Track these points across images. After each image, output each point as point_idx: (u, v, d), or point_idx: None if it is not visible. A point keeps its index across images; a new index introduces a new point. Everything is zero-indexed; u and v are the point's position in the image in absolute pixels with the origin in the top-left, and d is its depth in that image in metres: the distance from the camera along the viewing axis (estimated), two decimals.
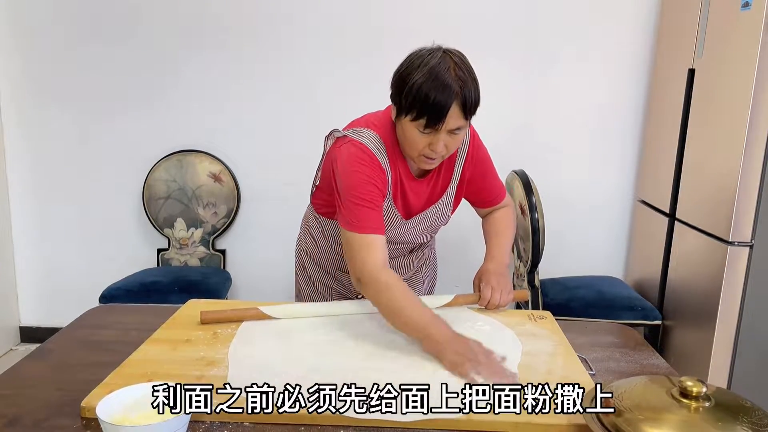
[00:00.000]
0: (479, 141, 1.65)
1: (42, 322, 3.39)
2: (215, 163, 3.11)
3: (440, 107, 1.32)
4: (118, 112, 3.13)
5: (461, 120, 1.36)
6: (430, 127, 1.35)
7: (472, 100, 1.35)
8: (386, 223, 1.53)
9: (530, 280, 2.65)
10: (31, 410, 1.10)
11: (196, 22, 3.02)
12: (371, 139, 1.48)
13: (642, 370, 1.31)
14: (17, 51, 3.09)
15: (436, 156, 1.42)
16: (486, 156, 1.68)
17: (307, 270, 1.85)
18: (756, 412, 0.92)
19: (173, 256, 3.17)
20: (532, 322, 1.52)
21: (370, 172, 1.45)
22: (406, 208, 1.58)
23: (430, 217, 1.63)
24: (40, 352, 1.37)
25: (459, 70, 1.34)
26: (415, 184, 1.56)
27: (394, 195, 1.53)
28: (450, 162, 1.59)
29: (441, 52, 1.36)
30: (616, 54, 3.01)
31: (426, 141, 1.39)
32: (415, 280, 1.84)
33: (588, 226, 3.19)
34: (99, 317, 1.59)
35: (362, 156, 1.46)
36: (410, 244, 1.70)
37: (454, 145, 1.42)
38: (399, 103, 1.38)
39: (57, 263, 3.32)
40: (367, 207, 1.43)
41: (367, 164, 1.45)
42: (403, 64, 1.39)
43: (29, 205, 3.26)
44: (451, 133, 1.39)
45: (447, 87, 1.31)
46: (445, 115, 1.33)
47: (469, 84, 1.34)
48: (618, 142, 3.11)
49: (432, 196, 1.61)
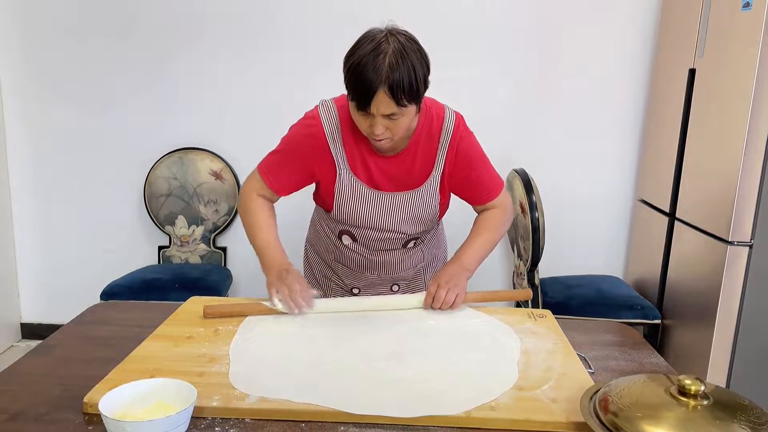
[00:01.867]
0: (466, 131, 1.61)
1: (43, 318, 3.40)
2: (216, 160, 3.12)
3: (366, 90, 1.33)
4: (120, 110, 3.13)
5: (393, 106, 1.35)
6: (360, 109, 1.38)
7: (403, 87, 1.33)
8: (351, 193, 1.59)
9: (530, 278, 2.65)
10: (33, 406, 1.11)
11: (198, 19, 3.02)
12: (327, 109, 1.55)
13: (641, 369, 1.32)
14: (19, 49, 3.09)
15: (379, 138, 1.43)
16: (473, 148, 1.62)
17: (310, 261, 1.89)
18: (754, 410, 0.93)
19: (174, 253, 3.18)
20: (532, 320, 1.53)
21: (298, 137, 1.57)
22: (372, 182, 1.59)
23: (412, 203, 1.61)
24: (42, 349, 1.37)
25: (396, 54, 1.34)
26: (380, 161, 1.57)
27: (352, 166, 1.57)
28: (430, 149, 1.57)
29: (385, 34, 1.38)
30: (616, 53, 3.01)
31: (366, 122, 1.42)
32: (415, 281, 1.82)
33: (588, 225, 3.19)
34: (100, 314, 1.60)
35: (306, 120, 1.57)
36: (397, 233, 1.66)
37: (398, 129, 1.42)
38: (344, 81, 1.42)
39: (58, 260, 3.33)
40: (279, 157, 1.59)
41: (305, 127, 1.56)
42: (353, 44, 1.41)
43: (31, 202, 3.27)
44: (388, 118, 1.39)
45: (375, 70, 1.32)
46: (371, 99, 1.34)
47: (401, 69, 1.33)
48: (618, 142, 3.11)
49: (408, 179, 1.59)
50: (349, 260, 1.75)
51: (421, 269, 1.83)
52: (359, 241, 1.70)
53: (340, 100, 1.57)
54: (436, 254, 1.88)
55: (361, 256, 1.73)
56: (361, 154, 1.56)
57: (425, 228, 1.71)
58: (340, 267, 1.79)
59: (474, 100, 3.04)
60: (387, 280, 1.79)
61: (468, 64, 3.02)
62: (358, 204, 1.59)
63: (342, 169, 1.56)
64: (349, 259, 1.75)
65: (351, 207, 1.60)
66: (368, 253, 1.72)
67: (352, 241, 1.71)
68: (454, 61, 2.99)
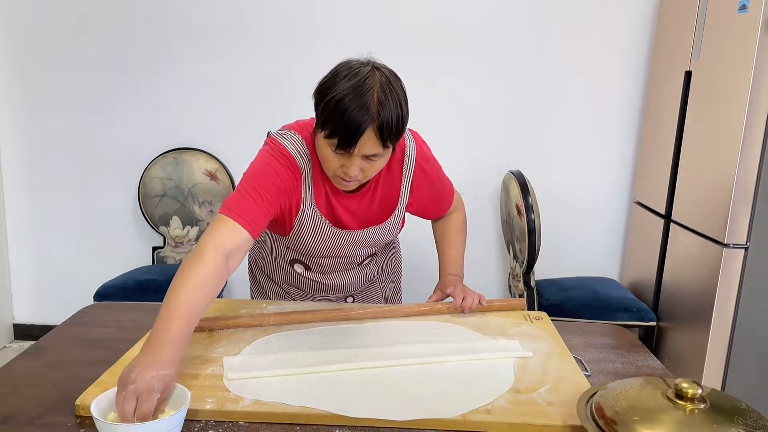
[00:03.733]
0: (425, 152, 1.53)
1: (36, 319, 3.38)
2: (211, 161, 3.11)
3: (354, 129, 1.21)
4: (114, 110, 3.12)
5: (377, 147, 1.25)
6: (342, 148, 1.24)
7: (391, 127, 1.23)
8: (314, 232, 1.46)
9: (526, 280, 2.65)
10: (25, 408, 1.09)
11: (192, 19, 3.01)
12: (294, 141, 1.39)
13: (637, 372, 1.31)
14: (11, 49, 3.08)
15: (351, 179, 1.32)
16: (434, 167, 1.56)
17: (258, 281, 1.80)
18: (751, 413, 0.92)
19: (169, 254, 3.17)
20: (528, 322, 1.52)
21: (278, 168, 1.36)
22: (334, 219, 1.48)
23: (372, 236, 1.54)
24: (34, 350, 1.36)
25: (383, 92, 1.22)
26: (343, 199, 1.45)
27: (318, 202, 1.44)
28: (393, 182, 1.48)
29: (369, 68, 1.25)
30: (613, 55, 3.01)
31: (339, 162, 1.29)
32: (370, 293, 1.79)
33: (584, 227, 3.19)
34: (94, 315, 1.59)
35: (278, 152, 1.38)
36: (353, 257, 1.61)
37: (371, 170, 1.32)
38: (317, 115, 1.28)
39: (52, 260, 3.31)
40: (252, 198, 1.31)
41: (279, 160, 1.37)
42: (328, 74, 1.28)
43: (24, 203, 3.25)
44: (367, 159, 1.28)
45: (364, 108, 1.20)
46: (358, 139, 1.22)
47: (390, 109, 1.22)
48: (615, 144, 3.12)
49: (371, 215, 1.50)
50: (302, 284, 1.68)
51: (376, 280, 1.79)
52: (313, 269, 1.63)
53: (303, 131, 1.43)
54: (389, 263, 1.82)
55: (315, 281, 1.66)
56: (326, 190, 1.43)
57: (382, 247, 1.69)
58: (292, 290, 1.72)
59: (470, 101, 3.04)
60: (341, 295, 1.74)
61: (464, 65, 3.02)
62: (318, 240, 1.49)
63: (307, 205, 1.42)
64: (302, 283, 1.68)
65: (309, 241, 1.49)
66: (322, 278, 1.66)
67: (305, 270, 1.63)
68: (451, 62, 3.00)
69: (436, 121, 2.84)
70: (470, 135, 3.05)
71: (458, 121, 3.05)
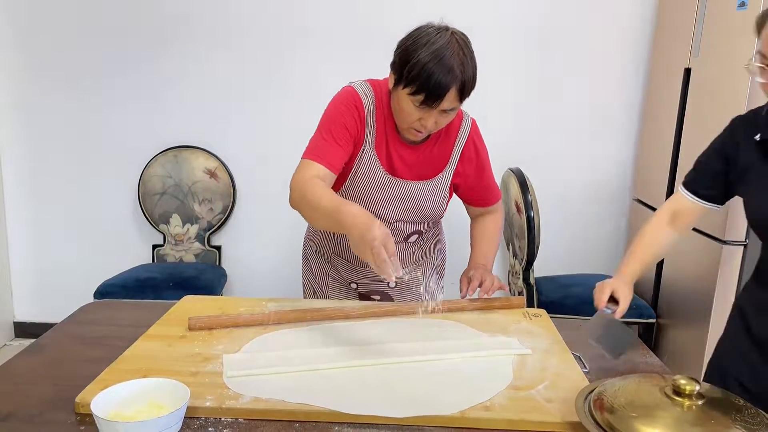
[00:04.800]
0: (479, 133, 1.69)
1: (37, 317, 3.38)
2: (211, 159, 3.11)
3: (441, 88, 1.36)
4: (114, 108, 3.12)
5: (456, 102, 1.41)
6: (426, 104, 1.39)
7: (470, 86, 1.41)
8: (368, 172, 1.57)
9: (525, 277, 2.65)
10: (26, 406, 1.10)
11: (192, 18, 3.01)
12: (364, 88, 1.54)
13: (636, 368, 1.32)
14: (12, 46, 3.07)
15: (425, 131, 1.47)
16: (485, 151, 1.71)
17: (308, 258, 1.88)
18: (748, 410, 0.93)
19: (168, 252, 3.17)
20: (527, 319, 1.52)
21: (346, 111, 1.51)
22: (390, 166, 1.59)
23: (422, 194, 1.61)
24: (34, 348, 1.36)
25: (463, 54, 1.38)
26: (401, 147, 1.58)
27: (378, 146, 1.56)
28: (447, 145, 1.62)
29: (449, 34, 1.40)
30: (613, 53, 3.01)
31: (418, 115, 1.43)
32: (412, 279, 1.80)
33: (584, 224, 3.20)
34: (94, 313, 1.59)
35: (347, 96, 1.53)
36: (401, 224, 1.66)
37: (444, 122, 1.48)
38: (399, 74, 1.42)
39: (52, 259, 3.31)
40: (328, 141, 1.49)
41: (347, 104, 1.52)
42: (409, 38, 1.43)
43: (24, 201, 3.25)
44: (443, 112, 1.43)
45: (450, 70, 1.35)
46: (444, 96, 1.37)
47: (469, 69, 1.39)
48: (614, 141, 3.12)
49: (423, 170, 1.61)
50: (349, 253, 1.74)
51: (420, 267, 1.82)
52: None
53: (371, 82, 1.58)
54: (434, 254, 1.87)
55: None
56: (386, 137, 1.56)
57: (428, 222, 1.73)
58: (339, 260, 1.78)
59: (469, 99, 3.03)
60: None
61: None
62: (372, 186, 1.59)
63: (368, 146, 1.55)
64: (349, 251, 1.73)
65: (363, 187, 1.59)
66: None
67: None
68: None
69: None
70: None
71: None
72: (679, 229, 1.51)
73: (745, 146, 1.35)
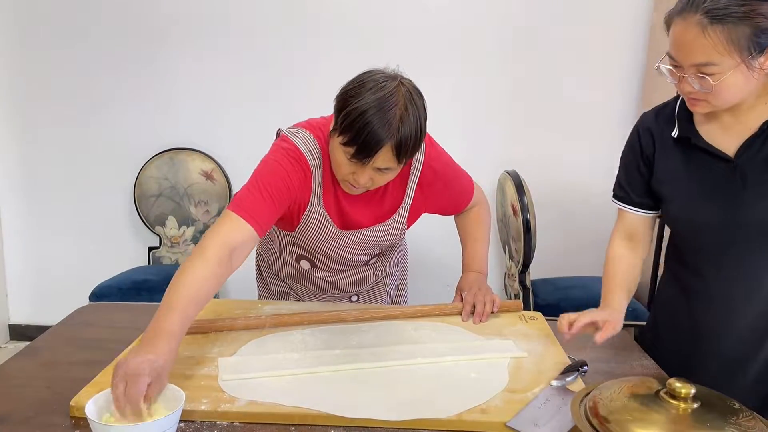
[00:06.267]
0: (436, 153, 1.54)
1: (32, 320, 3.37)
2: (207, 161, 3.10)
3: (373, 142, 1.23)
4: (110, 109, 3.11)
5: (391, 162, 1.28)
6: (357, 158, 1.26)
7: (408, 145, 1.26)
8: (319, 231, 1.47)
9: (521, 280, 2.66)
10: (20, 409, 1.09)
11: (188, 20, 3.01)
12: (306, 141, 1.40)
13: (631, 371, 1.32)
14: (7, 47, 3.07)
15: (359, 186, 1.35)
16: (446, 166, 1.57)
17: (264, 277, 1.82)
18: (743, 413, 0.93)
19: (164, 254, 3.16)
20: (523, 322, 1.53)
21: (288, 168, 1.36)
22: (342, 219, 1.49)
23: (376, 236, 1.54)
24: (29, 350, 1.36)
25: (407, 109, 1.24)
26: (349, 197, 1.46)
27: (326, 202, 1.45)
28: (400, 182, 1.49)
29: (395, 83, 1.26)
30: (608, 55, 3.02)
31: (350, 168, 1.31)
32: (376, 292, 1.79)
33: (580, 227, 3.20)
34: (89, 315, 1.58)
35: (289, 152, 1.38)
36: (359, 256, 1.61)
37: (381, 180, 1.35)
38: (336, 119, 1.29)
39: (47, 261, 3.30)
40: (261, 196, 1.31)
41: (290, 160, 1.37)
42: (354, 81, 1.29)
43: (19, 202, 3.24)
44: (378, 170, 1.30)
45: (387, 124, 1.22)
46: (375, 152, 1.24)
47: (409, 127, 1.24)
48: (609, 143, 3.10)
49: (378, 214, 1.52)
50: (308, 281, 1.69)
51: (382, 279, 1.79)
52: (319, 267, 1.63)
53: (313, 130, 1.43)
54: (395, 262, 1.82)
55: (320, 279, 1.66)
56: (334, 188, 1.45)
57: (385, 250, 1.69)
58: (298, 286, 1.73)
59: (465, 101, 3.04)
60: (346, 294, 1.74)
61: (459, 65, 3.02)
62: (323, 238, 1.50)
63: (315, 204, 1.44)
64: (307, 280, 1.68)
65: (314, 239, 1.50)
66: (328, 276, 1.66)
67: (311, 267, 1.63)
68: (446, 62, 3.00)
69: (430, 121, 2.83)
70: (465, 135, 3.05)
71: (453, 121, 3.05)
72: (641, 251, 1.48)
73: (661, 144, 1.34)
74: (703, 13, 1.07)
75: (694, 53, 1.10)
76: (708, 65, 1.10)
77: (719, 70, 1.09)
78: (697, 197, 1.28)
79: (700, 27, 1.07)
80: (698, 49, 1.09)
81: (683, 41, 1.12)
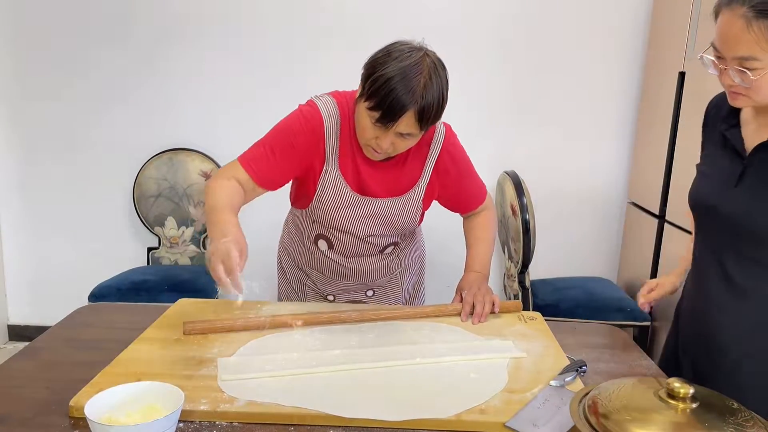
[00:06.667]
0: (455, 141, 1.62)
1: (31, 320, 3.37)
2: (206, 161, 3.10)
3: (397, 108, 1.30)
4: (109, 110, 3.11)
5: (414, 127, 1.35)
6: (381, 123, 1.34)
7: (431, 112, 1.34)
8: (333, 192, 1.53)
9: (521, 280, 2.66)
10: (19, 409, 1.09)
11: (188, 20, 3.01)
12: (327, 104, 1.49)
13: (631, 371, 1.32)
14: (6, 48, 3.07)
15: (381, 151, 1.42)
16: (462, 158, 1.65)
17: (284, 266, 1.86)
18: (742, 413, 0.93)
19: (163, 254, 3.16)
20: (522, 322, 1.53)
21: (298, 131, 1.48)
22: (358, 185, 1.54)
23: (394, 210, 1.58)
24: (28, 351, 1.36)
25: (431, 78, 1.32)
26: (369, 164, 1.52)
27: (342, 165, 1.51)
28: (419, 158, 1.56)
29: (421, 54, 1.34)
30: (608, 56, 3.02)
31: (374, 133, 1.38)
32: (391, 290, 1.80)
33: (579, 228, 3.20)
34: (88, 316, 1.58)
35: (304, 115, 1.49)
36: (375, 238, 1.63)
37: (402, 146, 1.42)
38: (363, 85, 1.37)
39: (46, 261, 3.30)
40: (264, 149, 1.50)
41: (302, 124, 1.48)
42: (381, 51, 1.37)
43: (18, 203, 3.24)
44: (400, 135, 1.37)
45: (411, 91, 1.29)
46: (399, 117, 1.32)
47: (432, 95, 1.32)
48: (609, 144, 3.13)
49: (394, 186, 1.56)
50: (324, 267, 1.71)
51: (398, 275, 1.80)
52: (335, 248, 1.66)
53: (338, 96, 1.52)
54: (412, 260, 1.84)
55: (337, 263, 1.69)
56: (353, 154, 1.51)
57: (403, 234, 1.71)
58: (314, 273, 1.75)
59: (465, 101, 3.04)
60: (362, 286, 1.76)
61: (458, 65, 3.02)
62: (338, 205, 1.54)
63: (330, 166, 1.50)
64: (324, 266, 1.71)
65: (330, 207, 1.55)
66: (344, 261, 1.68)
67: (328, 248, 1.66)
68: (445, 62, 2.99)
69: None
70: (465, 135, 3.04)
71: (453, 122, 3.04)
72: None
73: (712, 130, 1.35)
74: (750, 7, 1.05)
75: (738, 46, 1.09)
76: (750, 59, 1.08)
77: (761, 65, 1.07)
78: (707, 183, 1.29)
79: (746, 20, 1.06)
80: (742, 42, 1.07)
81: (728, 33, 1.10)
